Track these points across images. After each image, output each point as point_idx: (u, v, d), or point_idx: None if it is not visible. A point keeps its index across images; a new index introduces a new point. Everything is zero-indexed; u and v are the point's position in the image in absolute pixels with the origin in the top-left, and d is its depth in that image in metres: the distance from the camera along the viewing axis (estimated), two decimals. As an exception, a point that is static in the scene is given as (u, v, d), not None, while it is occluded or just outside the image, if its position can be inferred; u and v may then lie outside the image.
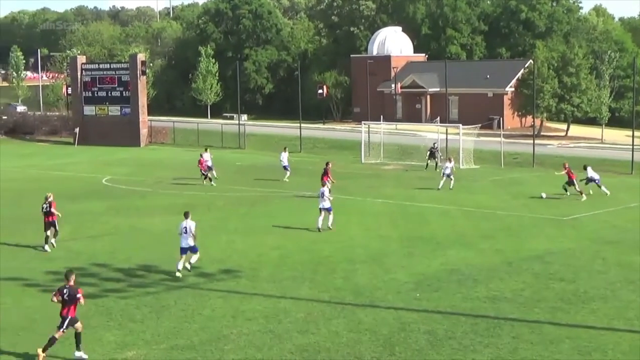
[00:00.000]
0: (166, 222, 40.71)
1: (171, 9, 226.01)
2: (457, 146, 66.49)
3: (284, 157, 56.64)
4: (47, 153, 79.19)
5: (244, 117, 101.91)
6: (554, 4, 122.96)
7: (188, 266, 29.95)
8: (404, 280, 28.63)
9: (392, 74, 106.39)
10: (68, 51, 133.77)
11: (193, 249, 30.00)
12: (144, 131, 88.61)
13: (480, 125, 74.35)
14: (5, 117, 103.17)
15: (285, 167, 56.17)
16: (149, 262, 31.66)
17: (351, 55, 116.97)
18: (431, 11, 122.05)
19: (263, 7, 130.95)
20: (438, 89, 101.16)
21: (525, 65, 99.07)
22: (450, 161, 52.81)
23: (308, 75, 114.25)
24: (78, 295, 21.25)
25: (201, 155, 54.92)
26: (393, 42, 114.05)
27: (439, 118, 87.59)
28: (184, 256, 29.79)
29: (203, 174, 53.65)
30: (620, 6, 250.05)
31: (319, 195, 38.00)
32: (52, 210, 34.71)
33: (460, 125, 69.76)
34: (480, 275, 29.20)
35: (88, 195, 49.92)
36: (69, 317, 21.11)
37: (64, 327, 21.04)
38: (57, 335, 21.00)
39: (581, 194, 47.04)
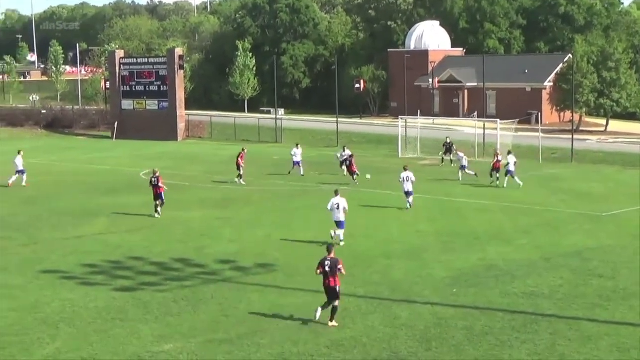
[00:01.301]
0: (203, 215, 40.94)
1: (209, 3, 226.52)
2: (495, 141, 66.11)
3: (297, 152, 56.28)
4: (86, 147, 79.74)
5: (281, 111, 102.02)
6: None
7: (333, 234, 33.51)
8: (442, 276, 28.54)
9: (430, 68, 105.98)
10: (106, 45, 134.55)
11: (341, 225, 33.48)
12: (181, 125, 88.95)
13: (518, 120, 73.85)
14: (45, 112, 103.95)
15: (296, 163, 55.76)
16: (186, 256, 31.79)
17: (388, 50, 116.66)
18: (469, 5, 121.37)
19: (301, 2, 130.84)
20: (476, 84, 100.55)
21: (564, 60, 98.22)
22: (459, 153, 56.16)
23: (345, 70, 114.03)
24: (339, 267, 23.17)
25: (243, 150, 54.22)
26: (431, 37, 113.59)
27: (476, 113, 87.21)
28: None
29: (239, 171, 52.84)
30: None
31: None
32: (160, 184, 40.72)
33: (498, 120, 69.32)
34: (518, 271, 29.03)
35: (126, 188, 50.20)
36: (337, 285, 23.04)
37: (338, 297, 23.06)
38: (337, 304, 23.01)
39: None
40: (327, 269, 23.13)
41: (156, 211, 40.61)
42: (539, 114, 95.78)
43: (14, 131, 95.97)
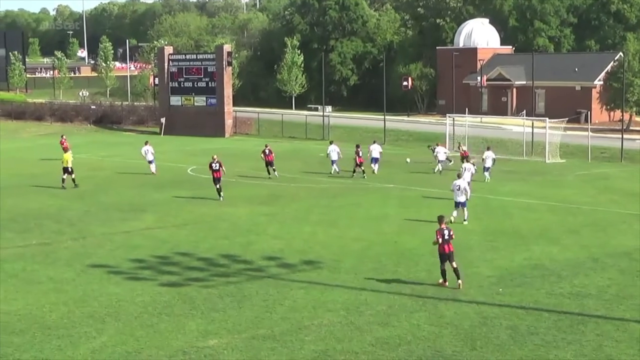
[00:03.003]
0: (249, 212, 41.09)
1: (258, 0, 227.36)
2: (544, 140, 65.67)
3: (334, 150, 55.44)
4: (134, 143, 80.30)
5: (329, 108, 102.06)
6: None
7: (465, 223, 36.48)
8: (487, 275, 28.39)
9: (478, 66, 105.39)
10: (155, 42, 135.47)
11: (463, 204, 36.87)
12: (229, 122, 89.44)
13: (567, 119, 73.27)
14: (94, 107, 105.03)
15: (333, 162, 55.45)
16: (232, 252, 31.93)
17: (437, 47, 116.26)
18: (519, 3, 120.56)
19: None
20: (524, 82, 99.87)
21: (615, 58, 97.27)
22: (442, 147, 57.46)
23: (393, 67, 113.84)
24: (451, 233, 26.87)
25: (265, 146, 54.93)
26: (480, 34, 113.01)
27: (524, 111, 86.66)
28: (457, 209, 37.06)
29: (268, 167, 53.94)
30: None
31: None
32: (222, 168, 44.98)
33: (547, 118, 68.87)
34: (565, 271, 28.80)
35: (173, 184, 50.54)
36: (451, 251, 26.55)
37: (452, 260, 26.63)
38: (455, 265, 26.59)
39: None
40: (446, 237, 26.57)
41: (220, 195, 44.30)
42: (589, 112, 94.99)
43: (64, 126, 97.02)
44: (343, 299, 25.34)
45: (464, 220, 37.22)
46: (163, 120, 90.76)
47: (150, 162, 55.83)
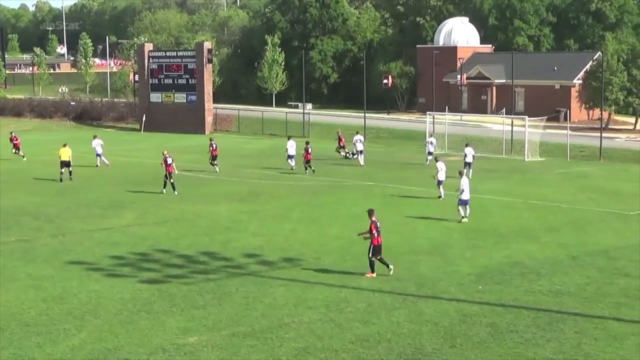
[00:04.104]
0: (229, 209, 41.04)
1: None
2: (523, 138, 65.88)
3: (292, 145, 56.40)
4: (114, 139, 79.98)
5: (309, 106, 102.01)
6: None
7: (465, 220, 36.90)
8: (467, 272, 28.49)
9: (458, 64, 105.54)
10: (135, 39, 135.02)
11: (467, 202, 37.22)
12: (209, 119, 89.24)
13: (546, 117, 73.50)
14: (74, 103, 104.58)
15: (290, 157, 56.09)
16: (212, 249, 31.90)
17: (417, 46, 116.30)
18: (499, 2, 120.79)
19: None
20: (504, 81, 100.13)
21: (594, 58, 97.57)
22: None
23: (373, 65, 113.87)
24: (379, 225, 27.80)
25: (210, 140, 56.20)
26: (459, 33, 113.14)
27: (504, 110, 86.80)
28: (461, 207, 37.21)
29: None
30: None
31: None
32: (174, 163, 46.08)
33: (526, 117, 69.05)
34: (544, 269, 28.92)
35: (153, 181, 50.34)
36: (379, 244, 27.66)
37: (372, 252, 27.59)
38: (370, 257, 27.63)
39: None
40: (379, 229, 27.70)
41: (167, 187, 45.60)
42: (568, 111, 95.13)
43: (43, 122, 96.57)
44: (323, 296, 25.37)
45: (465, 217, 37.43)
46: (143, 116, 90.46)
47: (98, 155, 57.94)
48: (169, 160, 45.97)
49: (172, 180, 45.91)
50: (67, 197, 44.76)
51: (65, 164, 51.06)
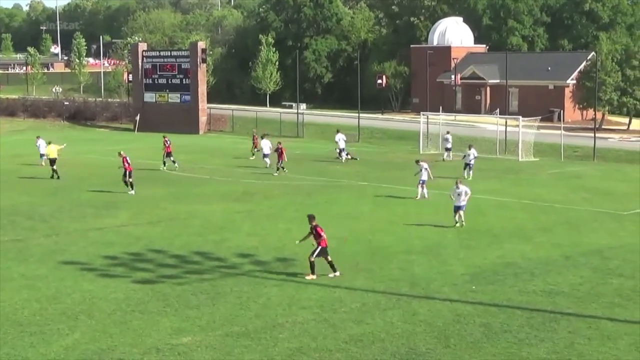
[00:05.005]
0: (223, 209, 41.03)
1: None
2: (517, 138, 65.94)
3: (266, 144, 57.28)
4: (108, 139, 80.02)
5: (303, 106, 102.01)
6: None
7: (461, 224, 36.18)
8: (460, 272, 28.50)
9: (452, 64, 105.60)
10: (129, 38, 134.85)
11: (462, 208, 36.44)
12: (203, 119, 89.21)
13: (540, 117, 73.57)
14: (67, 103, 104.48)
15: (265, 155, 56.78)
16: (205, 249, 31.89)
17: (411, 46, 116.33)
18: (493, 2, 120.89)
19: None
20: (498, 81, 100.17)
21: (588, 58, 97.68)
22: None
23: (367, 65, 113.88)
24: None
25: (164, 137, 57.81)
26: (454, 33, 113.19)
27: (498, 110, 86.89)
28: (457, 212, 36.40)
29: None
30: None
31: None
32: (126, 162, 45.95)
33: (520, 117, 69.16)
34: (538, 269, 28.95)
35: (147, 181, 50.33)
36: (327, 246, 27.79)
37: (317, 254, 27.61)
38: (330, 258, 27.77)
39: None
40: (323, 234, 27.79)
41: (132, 188, 45.76)
42: (562, 111, 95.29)
43: (37, 122, 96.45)
44: (317, 296, 25.37)
45: (462, 222, 36.88)
46: (137, 116, 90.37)
47: (42, 155, 57.79)
48: (129, 160, 46.51)
49: (131, 179, 46.02)
50: (60, 197, 44.73)
51: (53, 162, 52.02)
